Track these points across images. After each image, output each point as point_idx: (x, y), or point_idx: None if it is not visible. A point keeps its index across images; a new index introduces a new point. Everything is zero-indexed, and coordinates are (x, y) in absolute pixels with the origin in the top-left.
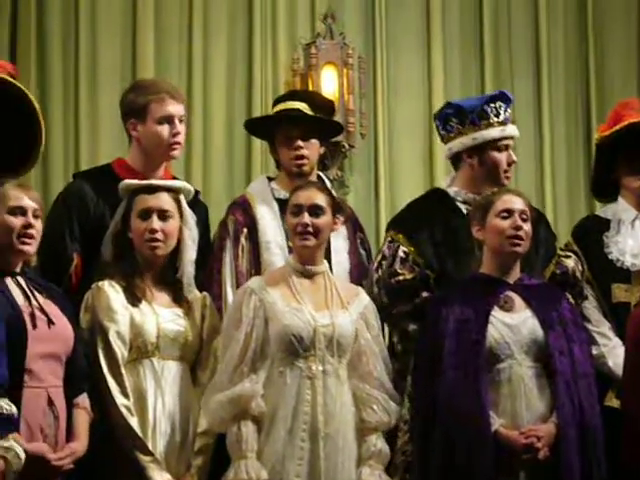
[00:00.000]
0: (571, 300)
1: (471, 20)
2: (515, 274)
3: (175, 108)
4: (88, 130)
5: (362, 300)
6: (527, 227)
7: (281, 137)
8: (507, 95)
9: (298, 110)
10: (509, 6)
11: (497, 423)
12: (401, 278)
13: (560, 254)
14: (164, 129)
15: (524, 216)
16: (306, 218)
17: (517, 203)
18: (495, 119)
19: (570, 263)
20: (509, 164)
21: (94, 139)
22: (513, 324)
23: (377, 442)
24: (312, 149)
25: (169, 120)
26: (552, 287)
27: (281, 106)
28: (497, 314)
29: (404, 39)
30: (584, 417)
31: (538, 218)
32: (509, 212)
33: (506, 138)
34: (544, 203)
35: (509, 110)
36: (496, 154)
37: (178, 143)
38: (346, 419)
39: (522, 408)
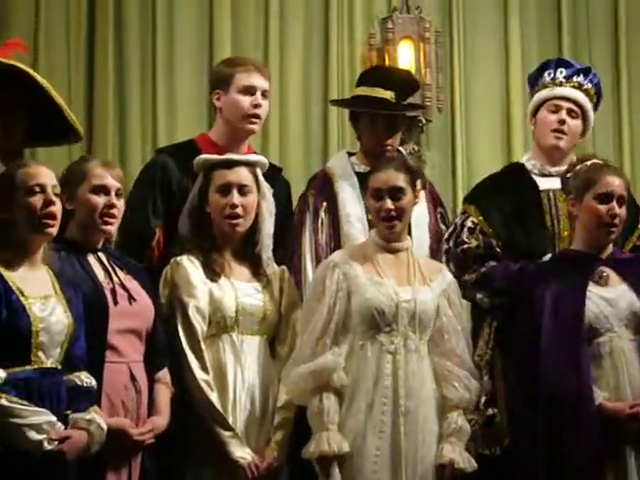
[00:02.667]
0: None
1: None
2: (608, 249)
3: (259, 81)
4: (165, 116)
5: (445, 277)
6: (623, 212)
7: (366, 124)
8: (568, 61)
9: (386, 101)
10: None
11: (600, 397)
12: (466, 247)
13: None
14: (245, 99)
15: (622, 200)
16: (389, 203)
17: (618, 187)
18: (549, 81)
19: None
20: (560, 123)
21: (171, 126)
22: (611, 298)
23: (458, 419)
24: (396, 137)
25: (252, 91)
26: None
27: (368, 91)
28: (593, 289)
29: (481, 13)
30: None
31: None
32: (609, 197)
33: (556, 98)
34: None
35: (577, 77)
36: (545, 113)
37: (258, 116)
38: (427, 395)
39: (625, 381)
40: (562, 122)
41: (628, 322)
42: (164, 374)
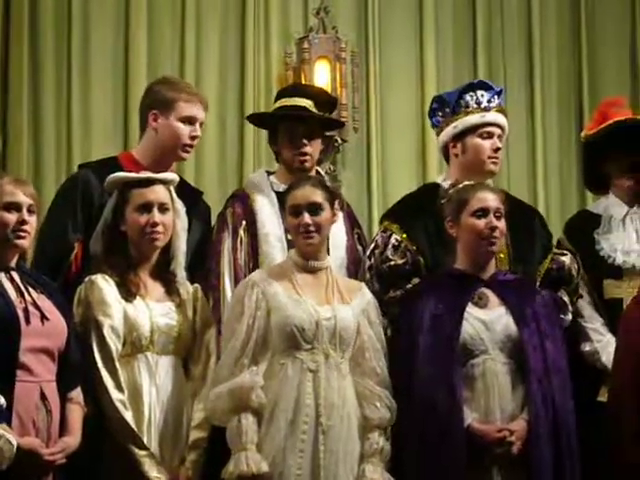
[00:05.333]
0: (565, 298)
1: (464, 14)
2: (490, 270)
3: (200, 113)
4: (80, 134)
5: (365, 296)
6: (502, 225)
7: (285, 133)
8: (487, 83)
9: (304, 108)
10: (502, 1)
11: (470, 418)
12: (392, 264)
13: (556, 252)
14: (185, 129)
15: (498, 214)
16: (306, 218)
17: (492, 201)
18: (475, 106)
19: (566, 260)
20: (494, 151)
21: (86, 145)
22: (487, 320)
23: (379, 439)
24: (315, 147)
25: (192, 121)
26: (527, 283)
27: (286, 101)
28: (471, 310)
29: (397, 33)
30: (557, 413)
31: (532, 214)
32: (484, 211)
33: (488, 125)
34: (536, 200)
35: (495, 99)
36: (478, 140)
37: (192, 146)
38: (348, 414)
39: (495, 404)
40: (497, 150)
41: (503, 345)
42: (77, 394)
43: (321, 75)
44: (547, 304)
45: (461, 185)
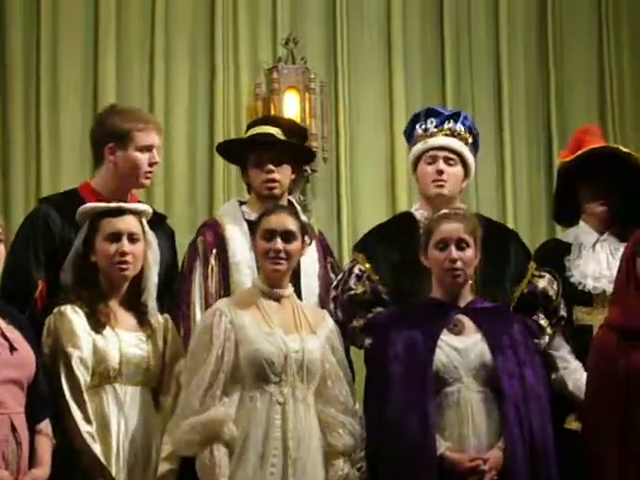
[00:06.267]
0: (542, 321)
1: (432, 44)
2: (465, 297)
3: (156, 139)
4: (49, 153)
5: (328, 324)
6: (467, 255)
7: (253, 160)
8: (436, 110)
9: (271, 135)
10: (470, 31)
11: (443, 447)
12: (352, 293)
13: (534, 273)
14: (144, 157)
15: (463, 244)
16: (279, 244)
17: (453, 232)
18: (421, 133)
19: (542, 283)
20: (439, 173)
21: (55, 161)
22: (462, 348)
23: (344, 466)
24: (283, 173)
25: (149, 149)
26: (504, 310)
27: (254, 130)
28: (446, 338)
29: (365, 64)
30: (534, 440)
31: (508, 236)
32: (445, 242)
33: (431, 149)
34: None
35: (447, 123)
36: (423, 166)
37: (151, 172)
38: (315, 444)
39: (469, 432)
40: (440, 172)
41: (477, 373)
42: (45, 425)
43: (290, 105)
44: (524, 331)
45: (433, 216)
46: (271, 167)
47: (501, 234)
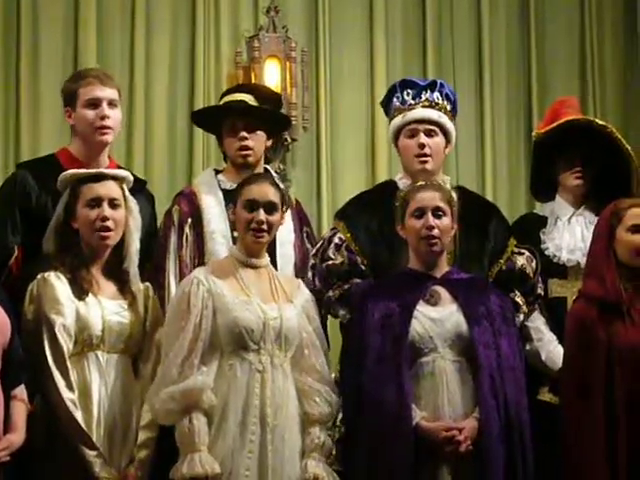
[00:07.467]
0: (518, 299)
1: (414, 14)
2: (442, 268)
3: (103, 92)
4: (29, 124)
5: (303, 293)
6: (444, 223)
7: (227, 128)
8: (413, 81)
9: (243, 102)
10: (452, 3)
11: (418, 416)
12: (330, 263)
13: (514, 250)
14: (90, 112)
15: (439, 212)
16: (262, 215)
17: (429, 200)
18: (399, 105)
19: (520, 260)
20: (420, 147)
21: (35, 132)
22: (437, 318)
23: (320, 434)
24: (257, 140)
25: (96, 103)
26: (481, 281)
27: (227, 98)
28: (422, 308)
29: (347, 33)
30: (509, 411)
31: (489, 212)
32: (421, 211)
33: (410, 123)
34: None
35: (424, 94)
36: (404, 141)
37: (107, 127)
38: (292, 412)
39: (444, 402)
40: (422, 146)
41: (452, 343)
42: (20, 391)
43: (271, 74)
44: (503, 302)
45: (408, 187)
46: (244, 134)
47: (482, 208)
